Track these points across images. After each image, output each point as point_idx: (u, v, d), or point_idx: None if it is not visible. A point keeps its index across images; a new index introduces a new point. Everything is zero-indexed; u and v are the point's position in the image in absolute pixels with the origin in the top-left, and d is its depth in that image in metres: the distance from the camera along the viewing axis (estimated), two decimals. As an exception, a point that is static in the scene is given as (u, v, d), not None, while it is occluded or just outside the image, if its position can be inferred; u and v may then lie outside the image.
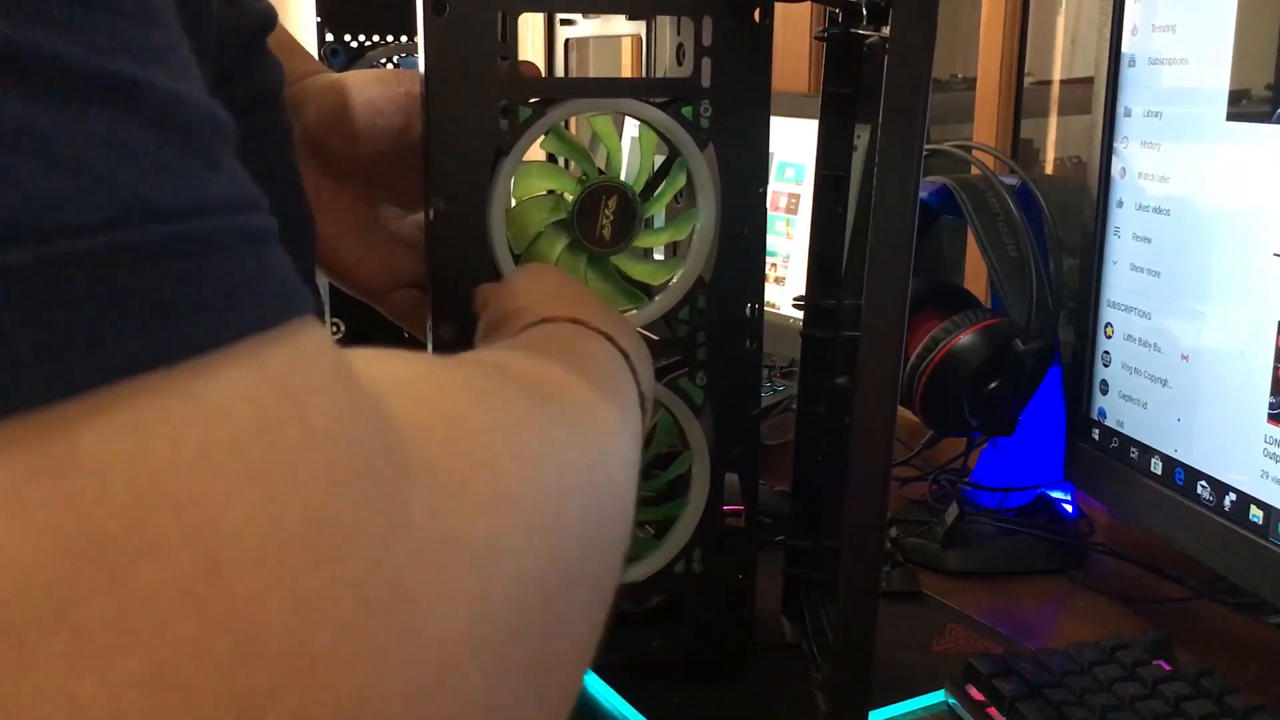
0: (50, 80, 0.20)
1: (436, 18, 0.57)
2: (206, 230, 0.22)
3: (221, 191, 0.23)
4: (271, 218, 0.24)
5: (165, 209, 0.21)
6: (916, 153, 0.51)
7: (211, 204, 0.22)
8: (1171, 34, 0.80)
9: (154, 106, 0.22)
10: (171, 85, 0.22)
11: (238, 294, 0.22)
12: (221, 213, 0.23)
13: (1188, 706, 0.64)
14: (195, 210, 0.22)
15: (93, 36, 0.21)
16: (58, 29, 0.20)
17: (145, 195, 0.21)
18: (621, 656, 0.70)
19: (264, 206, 0.24)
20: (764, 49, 0.64)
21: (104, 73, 0.21)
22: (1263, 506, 0.71)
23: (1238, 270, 0.74)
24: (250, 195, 0.24)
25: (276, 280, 0.24)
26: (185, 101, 0.23)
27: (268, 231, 0.24)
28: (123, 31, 0.22)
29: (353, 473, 0.23)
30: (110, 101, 0.21)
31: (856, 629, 0.56)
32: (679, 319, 0.66)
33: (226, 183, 0.23)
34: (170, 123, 0.22)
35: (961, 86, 1.43)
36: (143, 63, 0.22)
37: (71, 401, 0.20)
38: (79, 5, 0.21)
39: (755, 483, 0.70)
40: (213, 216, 0.22)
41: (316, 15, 0.96)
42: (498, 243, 0.61)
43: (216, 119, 0.24)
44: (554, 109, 0.61)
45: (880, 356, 0.53)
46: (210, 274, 0.22)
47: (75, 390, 0.20)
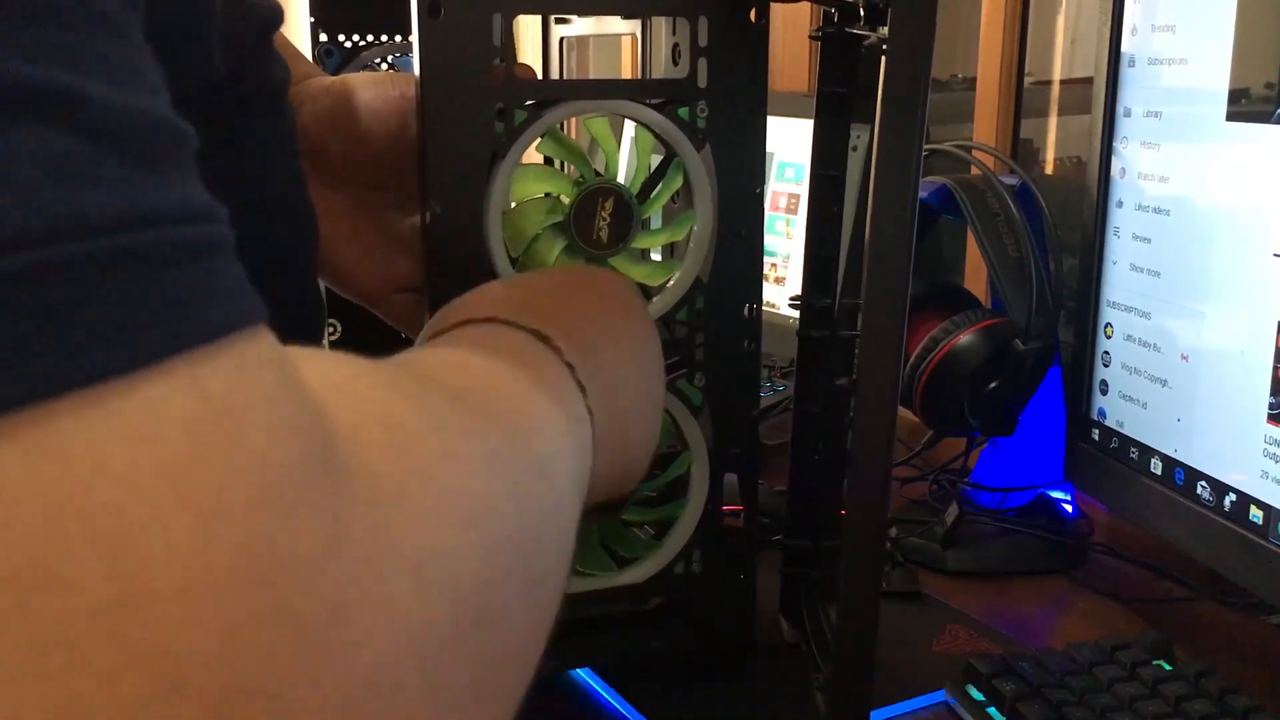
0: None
1: (431, 21, 0.57)
2: (143, 243, 0.21)
3: (162, 202, 0.22)
4: (223, 227, 0.24)
5: (98, 222, 0.21)
6: (916, 153, 0.51)
7: (151, 215, 0.22)
8: (1171, 34, 0.80)
9: (88, 116, 0.21)
10: (111, 95, 0.22)
11: (175, 308, 0.22)
12: (161, 224, 0.22)
13: (1188, 706, 0.64)
14: (131, 222, 0.21)
15: (25, 45, 0.20)
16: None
17: (76, 209, 0.20)
18: (621, 657, 0.70)
19: (215, 216, 0.24)
20: (760, 49, 0.64)
21: (35, 83, 0.20)
22: (1263, 506, 0.71)
23: (1238, 270, 0.74)
24: (197, 205, 0.23)
25: (221, 292, 0.23)
26: (125, 111, 0.22)
27: (215, 242, 0.23)
28: (61, 40, 0.21)
29: (291, 494, 0.22)
30: (39, 113, 0.20)
31: (857, 629, 0.56)
32: (677, 320, 0.66)
33: (170, 193, 0.22)
34: (108, 133, 0.21)
35: (961, 86, 1.43)
36: (81, 72, 0.21)
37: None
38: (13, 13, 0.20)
39: (755, 483, 0.70)
40: (151, 228, 0.22)
41: (310, 16, 0.96)
42: (495, 246, 0.61)
43: (165, 128, 0.23)
44: (550, 111, 0.61)
45: (880, 357, 0.53)
46: (145, 288, 0.21)
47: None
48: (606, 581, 0.67)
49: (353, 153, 0.63)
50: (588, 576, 0.66)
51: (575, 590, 0.66)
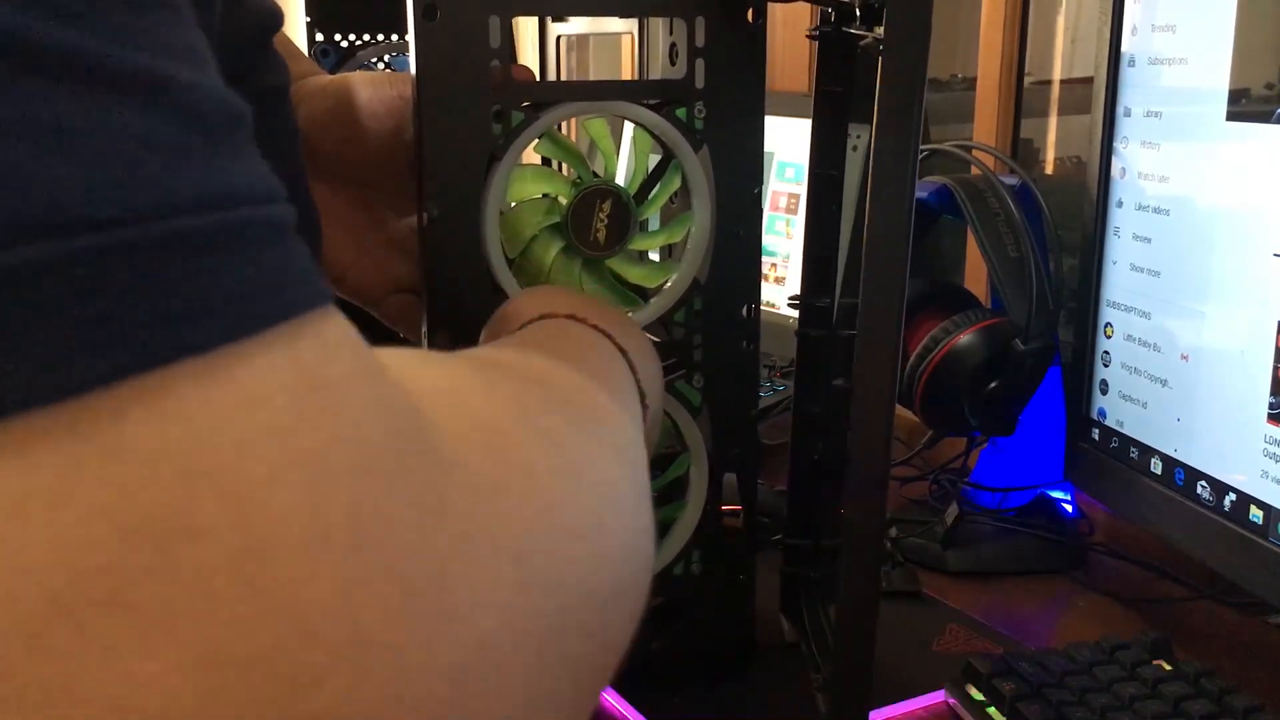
0: (77, 76, 0.21)
1: (427, 23, 0.57)
2: (232, 221, 0.22)
3: (245, 182, 0.23)
4: (290, 208, 0.25)
5: (192, 201, 0.22)
6: (912, 153, 0.51)
7: (235, 195, 0.23)
8: (1171, 34, 0.80)
9: (178, 100, 0.22)
10: (192, 78, 0.23)
11: (265, 283, 0.23)
12: (245, 203, 0.23)
13: (1188, 706, 0.64)
14: (220, 201, 0.22)
15: (116, 31, 0.21)
16: (83, 25, 0.21)
17: (173, 187, 0.21)
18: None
19: (283, 197, 0.25)
20: (758, 49, 0.64)
21: (129, 67, 0.21)
22: (1263, 506, 0.71)
23: (1238, 270, 0.74)
24: (271, 186, 0.24)
25: (299, 270, 0.24)
26: (206, 94, 0.23)
27: (288, 222, 0.24)
28: (145, 26, 0.22)
29: (387, 464, 0.24)
30: (136, 96, 0.21)
31: (857, 629, 0.56)
32: (675, 321, 0.66)
33: (249, 174, 0.24)
34: (193, 116, 0.22)
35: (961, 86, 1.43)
36: (164, 56, 0.22)
37: (115, 388, 0.20)
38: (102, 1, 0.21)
39: (754, 483, 0.70)
40: (237, 207, 0.23)
41: (306, 15, 0.96)
42: (492, 247, 0.61)
43: (236, 110, 0.24)
44: (547, 113, 0.61)
45: (877, 356, 0.53)
46: (238, 264, 0.22)
47: (118, 377, 0.20)
48: (605, 582, 0.67)
49: (349, 152, 0.63)
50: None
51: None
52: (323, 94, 0.63)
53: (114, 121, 0.21)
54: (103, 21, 0.21)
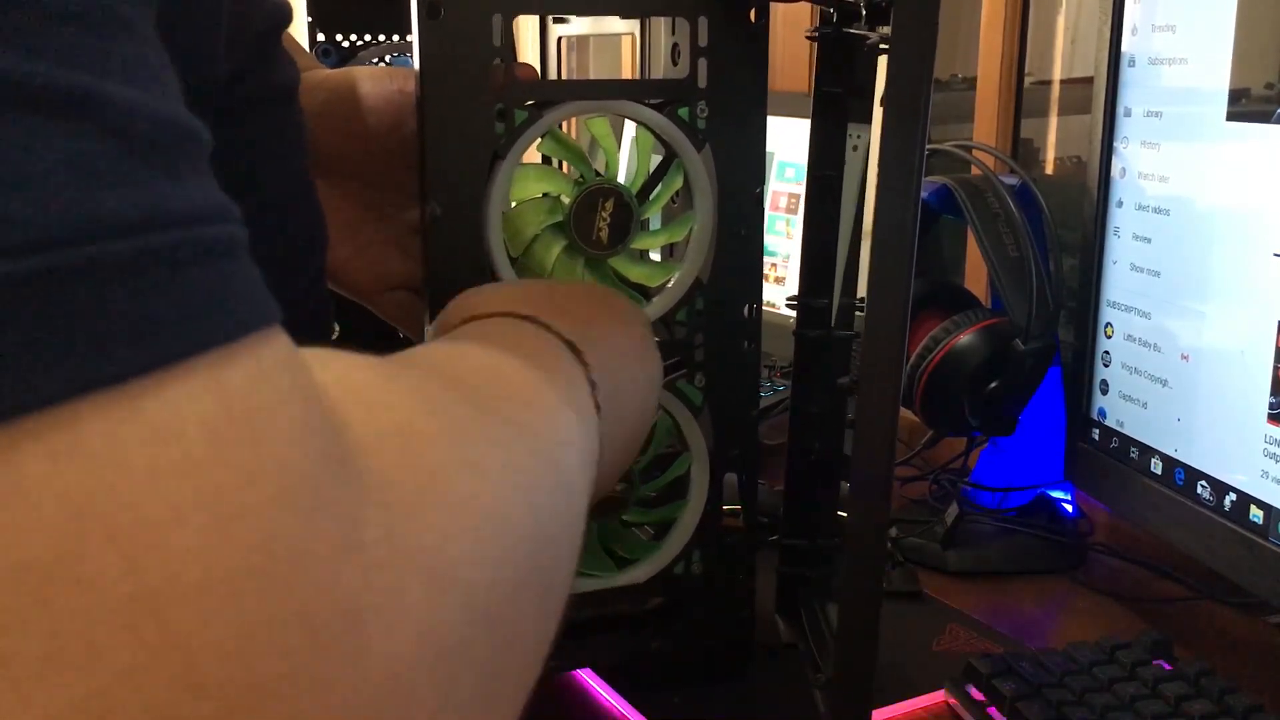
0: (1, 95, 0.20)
1: (431, 21, 0.57)
2: (162, 244, 0.21)
3: (181, 203, 0.22)
4: (239, 228, 0.24)
5: (118, 224, 0.21)
6: (918, 153, 0.51)
7: (170, 217, 0.22)
8: (1171, 34, 0.80)
9: (111, 119, 0.21)
10: (131, 96, 0.22)
11: (194, 309, 0.22)
12: (180, 225, 0.22)
13: (1188, 706, 0.64)
14: (151, 224, 0.21)
15: (47, 48, 0.21)
16: (8, 41, 0.20)
17: (97, 211, 0.21)
18: (621, 657, 0.70)
19: (231, 216, 0.24)
20: (760, 49, 0.64)
21: (58, 85, 0.21)
22: (1263, 506, 0.71)
23: (1238, 270, 0.74)
24: (214, 205, 0.23)
25: (238, 293, 0.23)
26: (146, 113, 0.22)
27: (232, 242, 0.23)
28: (81, 42, 0.21)
29: (306, 496, 0.23)
30: (65, 115, 0.21)
31: (859, 630, 0.56)
32: (677, 320, 0.66)
33: (188, 194, 0.23)
34: (128, 135, 0.22)
35: (961, 86, 1.43)
36: (101, 74, 0.21)
37: (10, 424, 0.19)
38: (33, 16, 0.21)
39: (754, 483, 0.70)
40: (171, 230, 0.22)
41: (308, 15, 0.96)
42: (494, 246, 0.60)
43: (182, 128, 0.23)
44: (550, 112, 0.61)
45: (882, 357, 0.53)
46: (165, 289, 0.21)
47: (13, 413, 0.19)
48: (607, 582, 0.67)
49: (349, 147, 0.63)
50: (588, 577, 0.66)
51: (575, 591, 0.66)
52: (323, 88, 0.63)
53: (36, 143, 0.20)
54: (34, 40, 0.20)
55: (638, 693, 0.70)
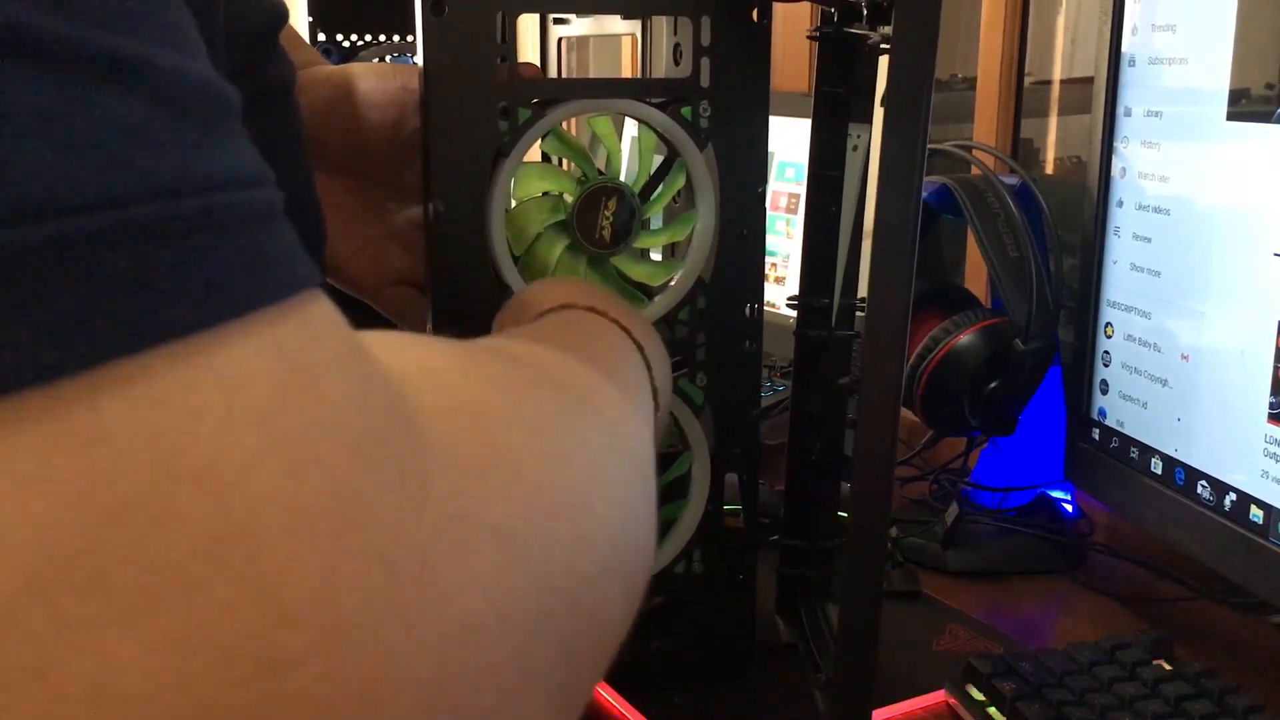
0: (55, 60, 0.20)
1: (435, 18, 0.57)
2: (211, 206, 0.22)
3: (226, 167, 0.23)
4: (276, 192, 0.25)
5: (171, 186, 0.22)
6: (919, 153, 0.51)
7: (216, 179, 0.23)
8: (1171, 34, 0.80)
9: (159, 84, 0.22)
10: (176, 62, 0.23)
11: (245, 268, 0.23)
12: (226, 188, 0.23)
13: (1188, 706, 0.64)
14: (200, 186, 0.22)
15: (95, 15, 0.21)
16: (60, 9, 0.21)
17: (151, 173, 0.21)
18: (621, 657, 0.70)
19: (270, 181, 0.24)
20: (762, 48, 0.64)
21: (108, 51, 0.21)
22: (1263, 506, 0.71)
23: (1238, 270, 0.74)
24: (256, 170, 0.24)
25: (284, 255, 0.24)
26: (190, 78, 0.23)
27: (273, 206, 0.24)
28: (127, 9, 0.22)
29: (369, 447, 0.23)
30: (115, 80, 0.21)
31: (859, 630, 0.56)
32: (679, 320, 0.66)
33: (231, 158, 0.23)
34: (175, 100, 0.22)
35: (961, 86, 1.43)
36: (147, 40, 0.22)
37: (91, 373, 0.20)
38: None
39: (755, 483, 0.70)
40: (217, 192, 0.22)
41: (308, 15, 0.96)
42: (497, 244, 0.60)
43: (221, 94, 0.24)
44: (553, 110, 0.61)
45: (883, 356, 0.53)
46: (217, 249, 0.22)
47: (94, 362, 0.20)
48: (607, 581, 0.67)
49: (350, 143, 0.63)
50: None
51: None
52: (325, 84, 0.63)
53: (92, 107, 0.21)
54: (81, 5, 0.21)
55: (638, 693, 0.69)
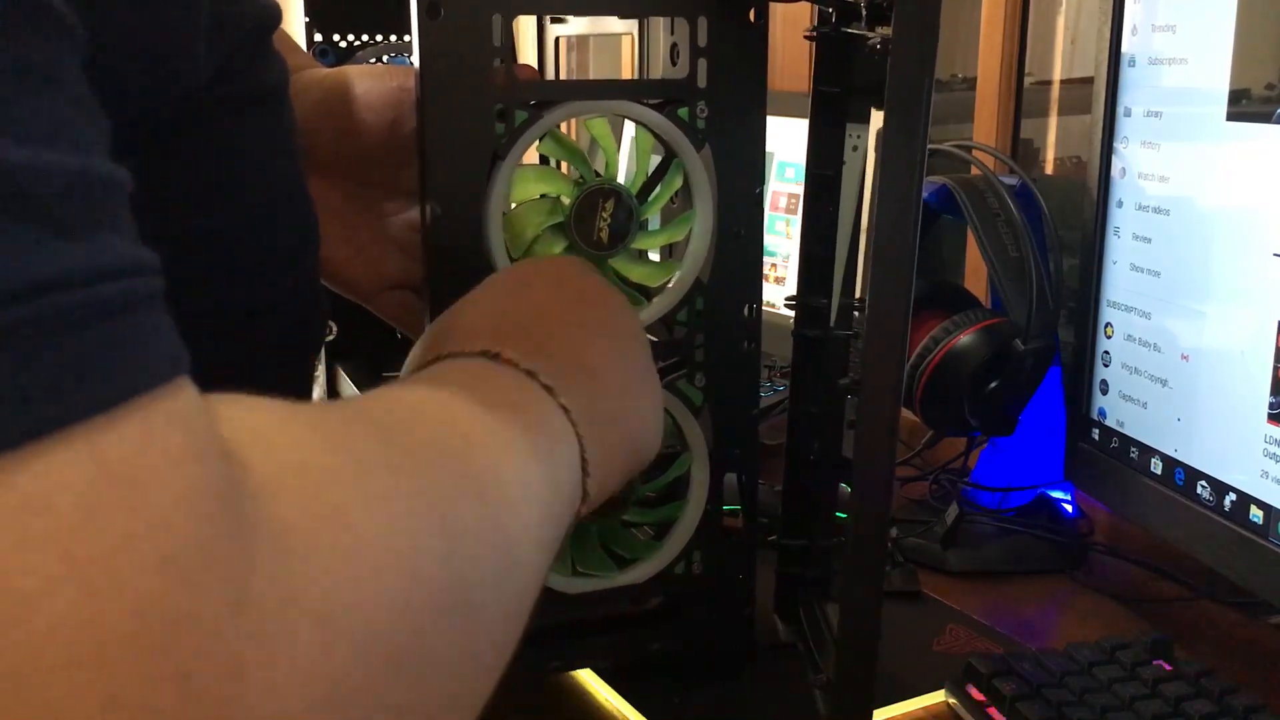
0: None
1: (431, 21, 0.57)
2: (41, 312, 0.21)
3: (68, 264, 0.22)
4: (148, 279, 0.23)
5: None
6: (920, 153, 0.51)
7: (51, 279, 0.21)
8: (1171, 34, 0.80)
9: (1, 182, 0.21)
10: (24, 157, 0.21)
11: (74, 376, 0.21)
12: (66, 288, 0.22)
13: (1188, 706, 0.64)
14: (31, 291, 0.21)
15: None
16: None
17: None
18: (622, 657, 0.70)
19: (139, 268, 0.23)
20: (760, 49, 0.64)
21: None
22: (1263, 506, 0.71)
23: (1238, 270, 0.74)
24: (115, 260, 0.23)
25: (130, 353, 0.23)
26: (42, 171, 0.22)
27: (130, 298, 0.23)
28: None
29: (189, 558, 0.22)
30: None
31: (859, 630, 0.56)
32: (677, 321, 0.66)
33: (80, 252, 0.22)
34: (17, 198, 0.21)
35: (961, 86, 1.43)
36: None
37: None
38: None
39: (755, 483, 0.70)
40: (54, 294, 0.21)
41: (305, 15, 0.96)
42: (495, 247, 0.60)
43: (87, 181, 0.23)
44: (550, 112, 0.61)
45: (883, 357, 0.53)
46: (42, 357, 0.21)
47: None
48: (607, 582, 0.67)
49: (345, 145, 0.63)
50: (588, 577, 0.66)
51: (576, 591, 0.66)
52: (319, 86, 0.62)
53: None
54: None
55: (638, 693, 0.70)
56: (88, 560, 0.21)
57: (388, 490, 0.30)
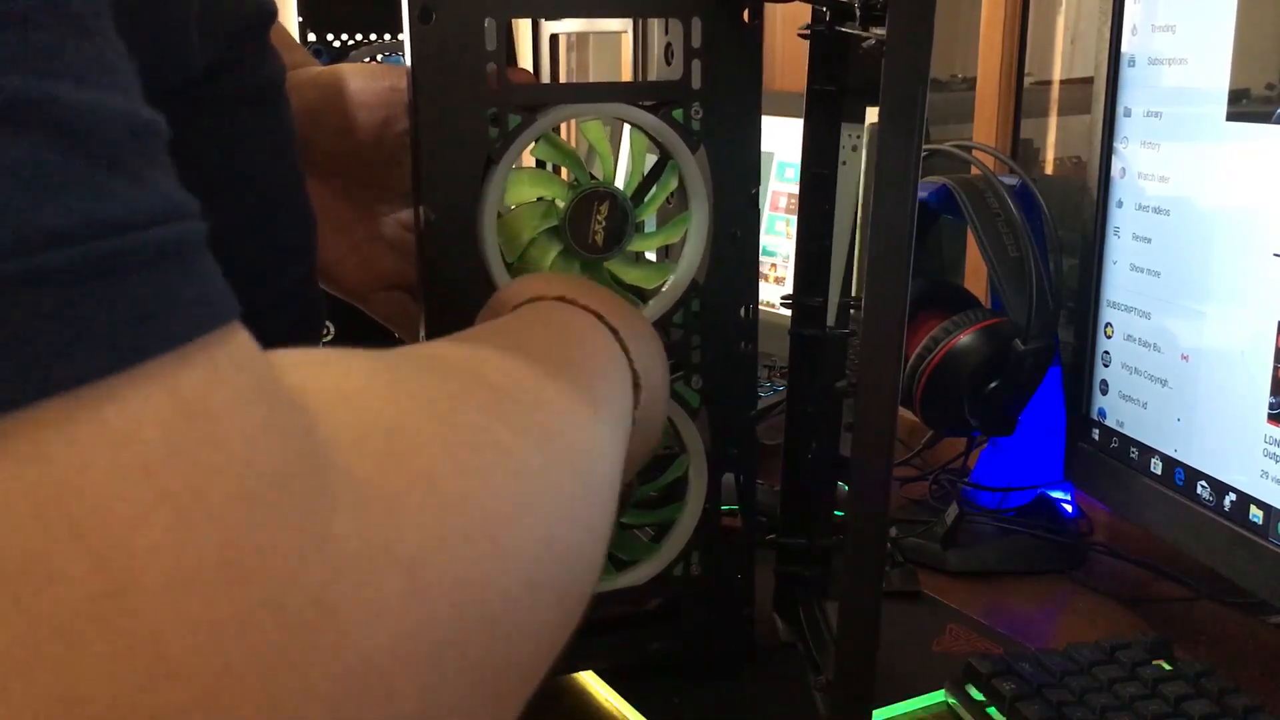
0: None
1: (423, 25, 0.57)
2: (113, 249, 0.22)
3: (130, 205, 0.23)
4: (195, 222, 0.24)
5: (67, 232, 0.21)
6: (915, 153, 0.51)
7: (121, 220, 0.22)
8: (1171, 34, 0.80)
9: (59, 122, 0.22)
10: (81, 97, 0.22)
11: (147, 313, 0.22)
12: (129, 228, 0.22)
13: (1188, 706, 0.64)
14: (102, 229, 0.22)
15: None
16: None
17: (43, 220, 0.21)
18: (622, 659, 0.70)
19: (186, 211, 0.24)
20: (754, 50, 0.64)
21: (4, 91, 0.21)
22: (1263, 506, 0.71)
23: (1238, 270, 0.74)
24: (170, 203, 0.24)
25: (191, 294, 0.23)
26: (97, 112, 0.22)
27: (186, 240, 0.24)
28: (26, 42, 0.21)
29: (268, 493, 0.23)
30: (9, 121, 0.21)
31: (859, 630, 0.56)
32: (673, 323, 0.66)
33: (141, 194, 0.23)
34: (77, 138, 0.22)
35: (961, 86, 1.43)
36: (48, 74, 0.22)
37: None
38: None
39: (753, 484, 0.70)
40: (119, 234, 0.22)
41: (298, 15, 0.96)
42: (490, 251, 0.60)
43: (137, 123, 0.23)
44: (544, 115, 0.61)
45: (881, 357, 0.53)
46: (117, 294, 0.22)
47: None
48: (606, 584, 0.67)
49: (339, 144, 0.63)
50: (586, 579, 0.66)
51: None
52: (313, 85, 0.62)
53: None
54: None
55: (638, 693, 0.70)
56: (174, 490, 0.22)
57: (481, 460, 0.31)
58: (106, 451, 0.21)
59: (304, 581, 0.23)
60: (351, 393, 0.29)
